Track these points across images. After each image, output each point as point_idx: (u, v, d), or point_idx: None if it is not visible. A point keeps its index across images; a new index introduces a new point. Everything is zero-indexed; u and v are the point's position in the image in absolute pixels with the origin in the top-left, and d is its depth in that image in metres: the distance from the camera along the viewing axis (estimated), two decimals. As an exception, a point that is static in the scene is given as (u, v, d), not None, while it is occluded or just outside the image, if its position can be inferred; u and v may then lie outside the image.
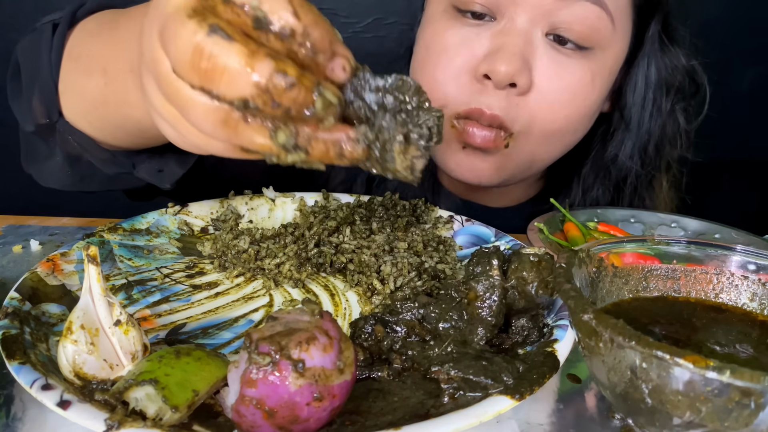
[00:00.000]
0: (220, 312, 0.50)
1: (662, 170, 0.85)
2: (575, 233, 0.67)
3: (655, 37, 0.77)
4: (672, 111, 0.81)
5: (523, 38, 0.67)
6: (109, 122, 0.59)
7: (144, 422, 0.33)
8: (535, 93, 0.69)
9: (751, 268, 0.45)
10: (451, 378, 0.39)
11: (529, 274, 0.45)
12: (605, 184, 0.84)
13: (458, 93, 0.71)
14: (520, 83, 0.67)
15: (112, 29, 0.57)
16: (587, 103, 0.72)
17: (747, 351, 0.40)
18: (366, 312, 0.51)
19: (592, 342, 0.36)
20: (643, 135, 0.81)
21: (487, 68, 0.67)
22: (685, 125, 0.85)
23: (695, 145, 1.35)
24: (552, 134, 0.72)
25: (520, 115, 0.70)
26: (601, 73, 0.71)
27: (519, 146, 0.72)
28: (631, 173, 0.82)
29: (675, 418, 0.33)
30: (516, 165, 0.75)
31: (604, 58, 0.71)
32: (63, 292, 0.49)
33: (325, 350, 0.33)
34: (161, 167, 0.63)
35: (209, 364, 0.37)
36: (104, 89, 0.56)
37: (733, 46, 1.39)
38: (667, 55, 0.78)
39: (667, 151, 0.84)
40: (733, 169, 1.51)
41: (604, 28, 0.68)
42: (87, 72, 0.58)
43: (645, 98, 0.79)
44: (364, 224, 0.64)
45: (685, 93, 0.82)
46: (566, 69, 0.69)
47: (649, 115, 0.80)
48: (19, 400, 0.40)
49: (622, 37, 0.72)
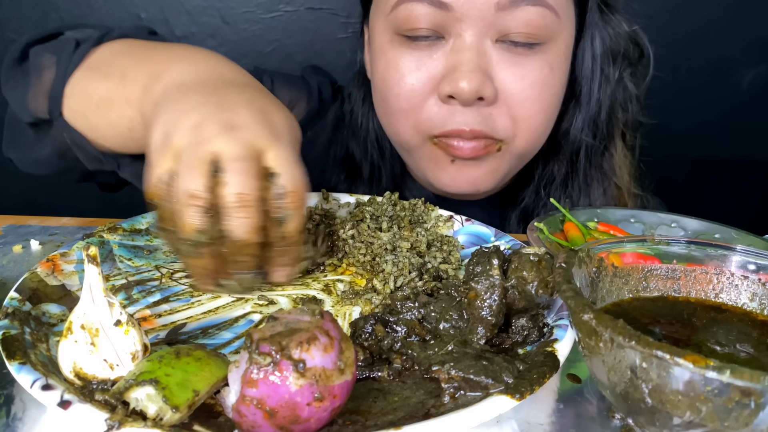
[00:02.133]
0: (220, 312, 0.50)
1: (615, 138, 0.86)
2: (575, 233, 0.67)
3: (594, 10, 0.77)
4: (620, 78, 0.82)
5: (476, 51, 0.68)
6: (105, 120, 0.64)
7: (144, 422, 0.33)
8: (503, 98, 0.70)
9: (751, 268, 0.45)
10: (451, 377, 0.39)
11: (529, 274, 0.45)
12: (560, 160, 0.84)
13: (429, 117, 0.71)
14: (486, 95, 0.68)
15: (144, 58, 0.64)
16: (553, 92, 0.74)
17: (747, 351, 0.40)
18: (366, 312, 0.51)
19: (592, 342, 0.36)
20: (593, 106, 0.81)
21: (450, 89, 0.68)
22: (634, 90, 0.85)
23: (695, 142, 1.35)
24: (536, 129, 0.74)
25: (498, 122, 0.71)
26: (557, 62, 0.73)
27: (510, 148, 0.74)
28: (584, 146, 0.83)
29: (675, 418, 0.33)
30: (509, 165, 0.76)
31: (557, 47, 0.72)
32: (63, 292, 0.49)
33: (326, 350, 0.33)
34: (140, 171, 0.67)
35: (209, 364, 0.37)
36: (115, 90, 0.62)
37: (733, 46, 1.39)
38: (609, 24, 0.79)
39: (619, 118, 0.85)
40: (733, 169, 1.52)
41: (550, 23, 0.69)
42: (104, 77, 0.64)
43: (593, 70, 0.80)
44: (374, 222, 0.64)
45: (630, 58, 0.83)
46: (524, 68, 0.70)
47: (598, 85, 0.81)
48: (19, 400, 0.40)
49: (568, 23, 0.74)
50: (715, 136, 1.45)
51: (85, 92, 0.65)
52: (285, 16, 1.35)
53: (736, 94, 1.43)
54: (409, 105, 0.72)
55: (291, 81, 0.88)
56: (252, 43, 1.35)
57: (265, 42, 1.36)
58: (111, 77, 0.63)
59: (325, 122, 0.88)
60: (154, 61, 0.61)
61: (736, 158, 1.49)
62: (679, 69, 1.34)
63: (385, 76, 0.73)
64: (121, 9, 1.32)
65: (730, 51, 1.39)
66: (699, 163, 1.50)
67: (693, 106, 1.39)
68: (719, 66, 1.41)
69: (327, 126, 0.88)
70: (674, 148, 1.32)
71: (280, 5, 1.34)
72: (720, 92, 1.43)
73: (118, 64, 0.64)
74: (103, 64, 0.66)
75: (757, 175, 1.53)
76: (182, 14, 1.33)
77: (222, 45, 1.34)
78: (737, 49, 1.39)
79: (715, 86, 1.42)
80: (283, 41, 1.36)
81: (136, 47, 0.67)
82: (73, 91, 0.66)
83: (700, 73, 1.40)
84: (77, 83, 0.66)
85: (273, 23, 1.35)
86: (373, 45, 0.76)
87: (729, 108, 1.43)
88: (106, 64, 0.65)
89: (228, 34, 1.34)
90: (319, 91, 0.88)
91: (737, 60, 1.41)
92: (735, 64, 1.41)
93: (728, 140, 1.47)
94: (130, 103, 0.60)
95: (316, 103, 0.87)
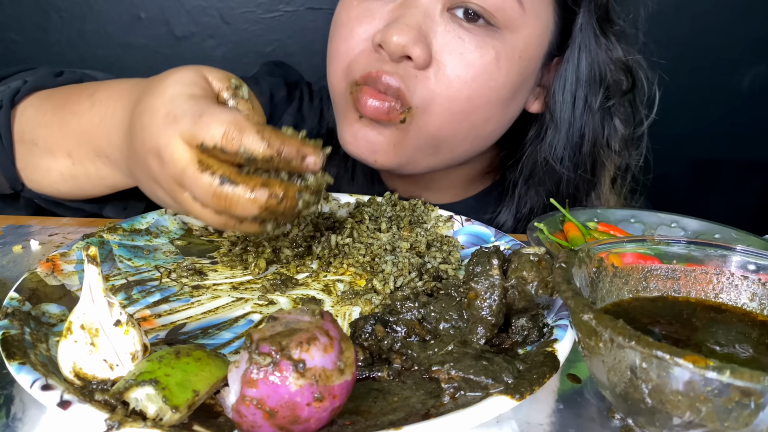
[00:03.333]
0: (220, 312, 0.50)
1: (602, 177, 0.81)
2: (575, 233, 0.67)
3: (586, 29, 0.73)
4: (607, 110, 0.77)
5: (423, 11, 0.66)
6: (80, 189, 0.65)
7: (144, 422, 0.33)
8: (435, 68, 0.67)
9: (751, 268, 0.45)
10: (451, 378, 0.39)
11: (529, 274, 0.45)
12: (538, 191, 0.80)
13: (358, 61, 0.69)
14: (414, 55, 0.65)
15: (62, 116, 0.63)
16: (492, 85, 0.68)
17: (747, 351, 0.40)
18: (366, 312, 0.51)
19: (592, 342, 0.36)
20: (574, 136, 0.76)
21: (381, 38, 0.66)
22: (622, 129, 0.79)
23: (695, 142, 1.34)
24: (453, 115, 0.69)
25: (418, 88, 0.67)
26: (507, 55, 0.68)
27: (417, 124, 0.69)
28: (564, 178, 0.78)
29: (675, 418, 0.33)
30: (415, 144, 0.71)
31: (513, 40, 0.68)
32: (63, 292, 0.49)
33: (326, 350, 0.33)
34: (125, 206, 0.71)
35: (209, 364, 0.37)
36: (72, 168, 0.63)
37: (733, 46, 1.39)
38: (602, 48, 0.74)
39: (605, 156, 0.79)
40: (733, 169, 1.51)
41: (510, 8, 0.66)
42: (49, 154, 0.64)
43: (575, 95, 0.75)
44: (373, 223, 0.64)
45: (618, 90, 0.78)
46: (467, 45, 0.66)
47: (580, 113, 0.75)
48: (19, 400, 0.40)
49: (536, 21, 0.69)
50: (715, 136, 1.45)
51: (39, 170, 0.65)
52: (285, 16, 1.35)
53: (736, 94, 1.43)
54: (345, 47, 0.70)
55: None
56: (252, 43, 1.35)
57: (265, 42, 1.36)
58: (57, 155, 0.63)
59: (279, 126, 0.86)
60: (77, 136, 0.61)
61: (736, 158, 1.49)
62: (679, 69, 1.34)
63: (336, 18, 0.73)
64: (121, 9, 1.32)
65: (730, 51, 1.39)
66: (699, 163, 1.50)
67: (693, 106, 1.38)
68: (719, 66, 1.41)
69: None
70: (674, 148, 1.32)
71: (280, 5, 1.35)
72: (720, 92, 1.43)
73: (51, 139, 0.63)
74: (36, 137, 0.64)
75: (757, 175, 1.53)
76: (182, 14, 1.33)
77: (222, 45, 1.34)
78: (737, 49, 1.39)
79: (715, 86, 1.42)
80: (283, 41, 1.36)
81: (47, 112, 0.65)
82: (27, 168, 0.65)
83: (700, 73, 1.40)
84: (24, 159, 0.65)
85: (273, 23, 1.35)
86: None
87: (729, 108, 1.43)
88: (40, 139, 0.64)
89: (228, 34, 1.34)
90: (271, 95, 0.85)
91: (737, 60, 1.41)
92: (735, 64, 1.41)
93: (728, 140, 1.47)
94: (103, 178, 0.62)
95: (267, 108, 0.84)
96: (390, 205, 0.68)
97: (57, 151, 0.63)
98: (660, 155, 0.90)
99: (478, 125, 0.71)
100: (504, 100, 0.71)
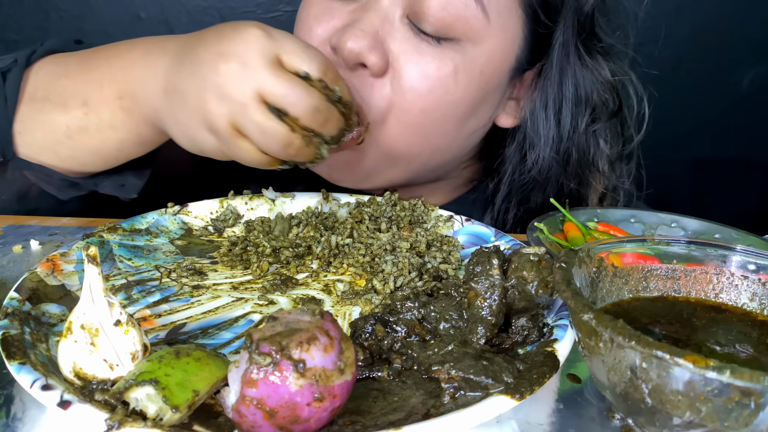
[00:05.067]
0: (220, 312, 0.50)
1: (590, 197, 0.79)
2: (575, 233, 0.67)
3: (568, 47, 0.70)
4: (592, 132, 0.74)
5: (381, 16, 0.63)
6: (84, 149, 0.63)
7: (144, 422, 0.33)
8: (391, 75, 0.64)
9: (751, 268, 0.45)
10: (451, 377, 0.39)
11: (529, 274, 0.45)
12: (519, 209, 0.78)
13: None
14: (369, 62, 0.62)
15: (91, 63, 0.63)
16: (449, 99, 0.65)
17: (747, 351, 0.40)
18: (366, 312, 0.51)
19: (592, 342, 0.36)
20: (559, 155, 0.73)
21: (336, 42, 0.63)
22: (607, 149, 0.76)
23: (695, 142, 1.34)
24: (407, 128, 0.66)
25: (374, 97, 0.64)
26: (466, 69, 0.65)
27: (375, 138, 0.66)
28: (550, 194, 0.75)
29: (675, 418, 0.33)
30: (372, 161, 0.69)
31: (474, 53, 0.65)
32: (63, 292, 0.49)
33: (326, 350, 0.33)
34: (122, 182, 0.69)
35: (209, 364, 0.37)
36: (84, 119, 0.61)
37: (733, 46, 1.39)
38: (587, 68, 0.71)
39: (592, 176, 0.77)
40: (733, 169, 1.51)
41: (472, 18, 0.63)
42: (62, 107, 0.62)
43: (560, 114, 0.72)
44: (373, 223, 0.64)
45: (604, 111, 0.74)
46: (425, 56, 0.63)
47: (567, 134, 0.73)
48: (19, 400, 0.40)
49: (501, 33, 0.66)
50: (715, 136, 1.45)
51: (44, 126, 0.63)
52: (285, 16, 1.35)
53: (736, 94, 1.43)
54: None
55: None
56: (252, 43, 1.35)
57: (265, 42, 1.36)
58: (69, 106, 0.61)
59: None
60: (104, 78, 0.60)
61: (736, 158, 1.49)
62: (679, 69, 1.34)
63: (298, 15, 0.70)
64: (121, 9, 1.32)
65: (730, 51, 1.39)
66: (699, 163, 1.50)
67: (693, 106, 1.38)
68: (719, 66, 1.41)
69: None
70: (674, 148, 1.32)
71: (280, 5, 1.34)
72: (720, 92, 1.43)
73: (67, 88, 0.62)
74: (49, 92, 0.63)
75: (757, 175, 1.53)
76: (182, 14, 1.33)
77: (222, 45, 1.34)
78: (737, 49, 1.39)
79: (715, 86, 1.42)
80: (283, 41, 1.36)
81: (70, 64, 0.64)
82: (27, 127, 0.63)
83: (700, 73, 1.40)
84: (29, 118, 0.63)
85: (273, 23, 1.34)
86: None
87: (729, 108, 1.43)
88: (56, 92, 0.62)
89: (228, 34, 1.34)
90: None
91: (737, 60, 1.41)
92: (735, 64, 1.41)
93: (728, 140, 1.46)
94: (115, 128, 0.60)
95: None
96: (390, 205, 0.68)
97: (72, 102, 0.61)
98: (660, 155, 0.90)
99: (433, 139, 0.69)
100: (462, 114, 0.68)
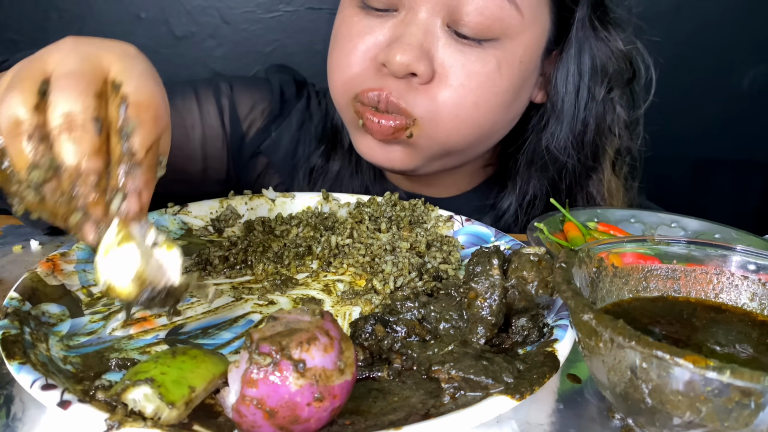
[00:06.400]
0: (220, 312, 0.50)
1: (604, 162, 0.83)
2: (575, 233, 0.67)
3: (584, 22, 0.74)
4: (609, 99, 0.79)
5: (423, 28, 0.67)
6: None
7: (144, 422, 0.33)
8: (438, 80, 0.68)
9: (751, 268, 0.45)
10: (451, 378, 0.39)
11: (529, 274, 0.45)
12: (540, 178, 0.82)
13: (359, 76, 0.70)
14: (419, 71, 0.66)
15: None
16: (496, 91, 0.70)
17: (747, 351, 0.40)
18: (366, 312, 0.51)
19: (592, 342, 0.36)
20: (578, 126, 0.78)
21: (384, 57, 0.67)
22: (624, 115, 0.81)
23: (695, 142, 1.34)
24: (462, 121, 0.70)
25: (420, 100, 0.68)
26: (508, 62, 0.69)
27: (427, 133, 0.70)
28: (567, 165, 0.80)
29: (675, 418, 0.33)
30: (428, 153, 0.73)
31: (513, 46, 0.69)
32: (63, 292, 0.49)
33: (326, 350, 0.33)
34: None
35: (205, 361, 0.37)
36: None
37: (733, 46, 1.39)
38: (602, 40, 0.75)
39: (607, 142, 0.81)
40: (733, 169, 1.51)
41: (508, 17, 0.67)
42: None
43: (579, 87, 0.76)
44: (373, 223, 0.64)
45: (620, 79, 0.79)
46: (469, 57, 0.68)
47: (585, 104, 0.77)
48: (19, 400, 0.40)
49: (534, 25, 0.70)
50: (715, 136, 1.45)
51: None
52: (285, 16, 1.35)
53: (736, 94, 1.43)
54: (347, 62, 0.71)
55: (251, 84, 0.87)
56: (252, 43, 1.35)
57: (265, 42, 1.36)
58: None
59: (289, 121, 0.87)
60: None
61: (736, 158, 1.49)
62: (679, 69, 1.34)
63: (337, 31, 0.74)
64: (121, 9, 1.32)
65: (730, 51, 1.39)
66: (699, 163, 1.50)
67: (693, 106, 1.39)
68: (719, 66, 1.41)
69: (292, 125, 0.87)
70: (674, 148, 1.32)
71: (280, 5, 1.35)
72: (720, 92, 1.43)
73: None
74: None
75: (757, 175, 1.53)
76: (182, 14, 1.33)
77: (222, 45, 1.34)
78: (737, 49, 1.39)
79: (715, 86, 1.42)
80: (283, 41, 1.36)
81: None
82: None
83: (700, 73, 1.40)
84: None
85: (273, 23, 1.35)
86: (342, 1, 0.76)
87: (729, 108, 1.43)
88: None
89: (228, 34, 1.34)
90: (282, 91, 0.87)
91: (737, 60, 1.41)
92: (735, 64, 1.41)
93: (728, 140, 1.47)
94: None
95: (278, 103, 0.86)
96: (390, 206, 0.68)
97: None
98: (660, 155, 0.90)
99: (486, 128, 0.73)
100: (508, 102, 0.73)
